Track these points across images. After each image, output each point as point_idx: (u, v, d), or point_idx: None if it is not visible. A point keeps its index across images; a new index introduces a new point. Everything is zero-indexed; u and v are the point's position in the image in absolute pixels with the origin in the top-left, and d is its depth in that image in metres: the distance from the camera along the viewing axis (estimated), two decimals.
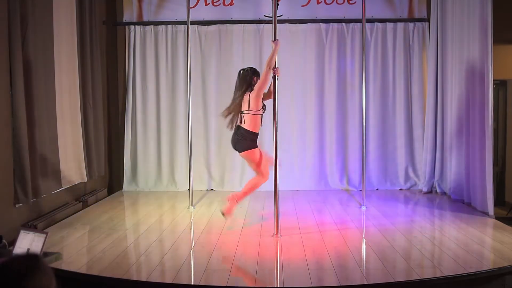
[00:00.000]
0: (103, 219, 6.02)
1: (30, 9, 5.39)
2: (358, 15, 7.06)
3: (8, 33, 5.09)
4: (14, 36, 5.11)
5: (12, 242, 4.28)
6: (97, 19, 7.33)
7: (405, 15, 7.90)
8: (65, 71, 6.32)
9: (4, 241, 4.49)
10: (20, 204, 5.25)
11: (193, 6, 7.66)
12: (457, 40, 6.69)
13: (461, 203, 6.63)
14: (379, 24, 7.87)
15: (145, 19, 7.94)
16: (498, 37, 6.37)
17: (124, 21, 7.96)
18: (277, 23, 5.26)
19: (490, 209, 5.85)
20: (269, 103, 5.40)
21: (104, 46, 7.92)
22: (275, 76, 5.20)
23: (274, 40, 5.22)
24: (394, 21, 7.88)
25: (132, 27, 7.93)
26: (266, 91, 5.46)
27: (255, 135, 5.45)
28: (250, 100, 5.36)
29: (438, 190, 7.40)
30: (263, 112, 5.49)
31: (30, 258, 1.74)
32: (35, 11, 5.52)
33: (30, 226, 5.28)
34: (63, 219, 5.93)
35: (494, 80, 6.00)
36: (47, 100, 5.81)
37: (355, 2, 7.78)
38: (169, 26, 7.92)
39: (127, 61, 7.97)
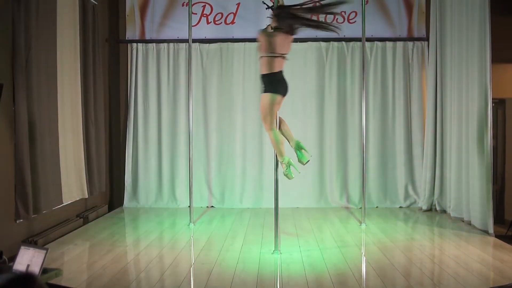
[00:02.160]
0: (103, 235, 6.02)
1: (34, 25, 5.47)
2: (358, 34, 7.13)
3: (12, 49, 5.17)
4: (18, 52, 5.18)
5: (13, 258, 4.27)
6: (100, 36, 7.42)
7: (404, 34, 7.98)
8: (68, 87, 6.39)
9: (4, 257, 4.48)
10: (21, 220, 5.27)
11: (195, 24, 7.77)
12: (456, 59, 6.76)
13: (461, 221, 6.63)
14: (379, 43, 7.96)
15: (147, 37, 8.03)
16: (497, 56, 6.44)
17: (126, 38, 8.05)
18: None
19: (490, 227, 5.85)
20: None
21: (107, 63, 8.00)
22: None
23: None
24: (394, 40, 7.97)
25: (134, 44, 8.02)
26: None
27: None
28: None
29: (437, 208, 7.40)
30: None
31: (26, 278, 1.71)
32: (39, 28, 5.59)
33: (31, 242, 5.29)
34: (63, 235, 5.93)
35: (493, 99, 6.05)
36: (49, 116, 5.85)
37: (355, 21, 7.87)
38: (171, 44, 8.01)
39: (129, 78, 8.04)
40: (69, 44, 6.43)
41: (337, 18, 7.78)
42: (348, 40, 7.94)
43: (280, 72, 5.09)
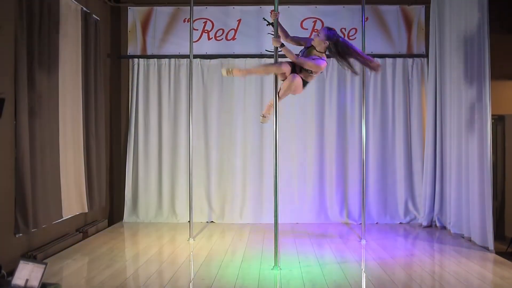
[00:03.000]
0: (103, 250, 6.01)
1: (36, 40, 5.53)
2: None
3: (14, 63, 5.21)
4: (20, 66, 5.23)
5: (12, 272, 4.27)
6: (102, 52, 7.48)
7: (404, 50, 8.04)
8: (69, 101, 6.42)
9: (3, 271, 4.48)
10: (20, 234, 5.26)
11: (196, 40, 7.84)
12: (456, 76, 6.80)
13: (461, 237, 6.63)
14: (379, 59, 7.99)
15: (149, 52, 8.09)
16: (496, 72, 6.49)
17: (128, 54, 8.11)
18: (278, 57, 5.37)
19: (490, 243, 5.85)
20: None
21: (108, 78, 8.05)
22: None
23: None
24: (393, 56, 8.02)
25: (136, 60, 8.07)
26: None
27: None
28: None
29: (438, 224, 7.39)
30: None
31: None
32: (41, 42, 5.65)
33: (30, 256, 5.28)
34: (63, 249, 5.93)
35: (492, 115, 6.08)
36: (50, 130, 5.88)
37: (355, 38, 7.94)
38: (172, 60, 8.06)
39: (130, 93, 8.08)
40: (71, 59, 6.48)
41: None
42: None
43: None
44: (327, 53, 5.37)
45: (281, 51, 5.34)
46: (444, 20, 7.19)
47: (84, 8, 6.87)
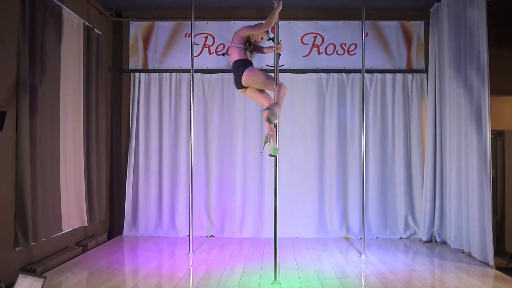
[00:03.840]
0: (102, 264, 6.00)
1: (38, 54, 5.58)
2: (358, 66, 7.24)
3: (16, 76, 5.25)
4: (22, 80, 5.27)
5: (11, 286, 4.27)
6: (103, 66, 7.54)
7: (403, 66, 8.09)
8: (70, 115, 6.45)
9: (2, 284, 4.48)
10: (20, 248, 5.26)
11: (197, 55, 7.91)
12: (455, 91, 6.83)
13: (461, 252, 6.61)
14: (379, 75, 8.06)
15: (150, 66, 8.14)
16: (496, 88, 6.53)
17: (129, 68, 8.16)
18: (279, 72, 5.41)
19: (490, 259, 5.84)
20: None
21: (109, 92, 8.10)
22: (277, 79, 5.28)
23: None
24: (393, 72, 8.07)
25: (137, 74, 8.12)
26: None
27: (242, 61, 5.41)
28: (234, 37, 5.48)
29: (438, 239, 7.37)
30: (248, 50, 5.45)
31: None
32: (44, 56, 5.70)
33: (29, 270, 5.27)
34: (62, 263, 5.91)
35: (491, 131, 6.10)
36: (51, 144, 5.91)
37: (355, 53, 8.00)
38: (173, 74, 8.11)
39: (131, 107, 8.12)
40: (72, 73, 6.53)
41: (337, 50, 7.97)
42: (348, 71, 8.05)
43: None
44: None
45: (282, 65, 5.43)
46: (443, 35, 7.24)
47: (86, 23, 6.94)
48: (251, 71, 5.29)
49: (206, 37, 8.13)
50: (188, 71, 7.47)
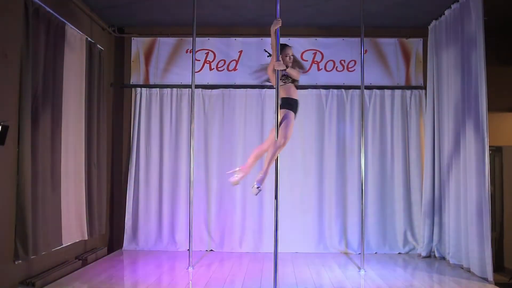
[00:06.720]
0: (101, 278, 6.00)
1: (41, 69, 5.65)
2: (357, 82, 7.30)
3: (19, 90, 5.31)
4: (25, 93, 5.33)
5: None
6: (105, 81, 7.62)
7: (402, 82, 8.17)
8: (72, 130, 6.51)
9: None
10: (20, 261, 5.27)
11: (198, 70, 7.98)
12: (453, 108, 6.89)
13: (460, 268, 6.61)
14: (377, 91, 8.13)
15: (151, 82, 8.22)
16: (494, 104, 6.58)
17: (131, 83, 8.24)
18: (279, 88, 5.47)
19: (490, 275, 5.84)
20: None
21: (111, 107, 8.16)
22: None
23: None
24: (392, 88, 8.14)
25: (138, 89, 8.19)
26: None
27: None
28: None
29: (437, 255, 7.38)
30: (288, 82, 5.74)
31: None
32: (46, 72, 5.77)
33: (28, 283, 5.28)
34: (62, 276, 5.92)
35: (490, 147, 6.14)
36: (52, 157, 5.95)
37: (354, 69, 8.09)
38: (174, 89, 8.18)
39: (132, 122, 8.18)
40: (74, 88, 6.60)
41: (336, 67, 8.08)
42: (348, 87, 8.12)
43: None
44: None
45: (285, 73, 5.52)
46: (441, 52, 7.32)
47: (89, 38, 7.03)
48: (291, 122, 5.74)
49: (207, 53, 8.22)
50: (189, 86, 7.54)
